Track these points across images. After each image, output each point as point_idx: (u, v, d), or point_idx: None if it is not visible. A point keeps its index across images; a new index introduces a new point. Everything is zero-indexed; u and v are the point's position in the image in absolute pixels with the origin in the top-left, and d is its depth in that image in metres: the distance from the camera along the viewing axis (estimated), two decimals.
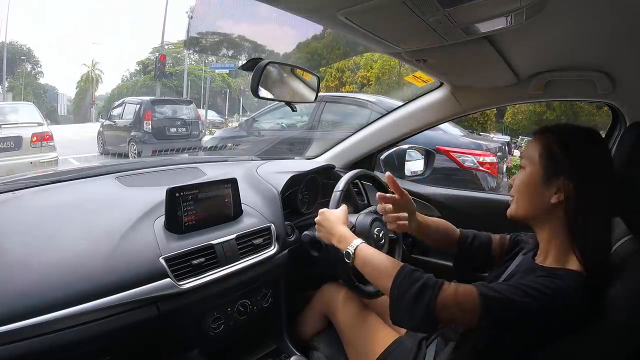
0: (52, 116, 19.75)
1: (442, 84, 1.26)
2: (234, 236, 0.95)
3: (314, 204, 1.30)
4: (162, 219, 0.88)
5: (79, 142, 8.00)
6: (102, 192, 0.98)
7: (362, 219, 1.01)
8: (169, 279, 0.79)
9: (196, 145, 6.41)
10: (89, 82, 25.07)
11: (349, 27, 0.70)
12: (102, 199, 0.93)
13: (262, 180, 1.19)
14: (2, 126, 4.31)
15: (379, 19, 0.68)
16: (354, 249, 0.80)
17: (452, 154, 3.20)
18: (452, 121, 3.24)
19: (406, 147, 1.36)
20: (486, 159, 3.27)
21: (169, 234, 0.86)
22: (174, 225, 0.88)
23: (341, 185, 1.00)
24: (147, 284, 0.76)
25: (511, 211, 0.74)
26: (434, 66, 1.02)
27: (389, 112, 1.45)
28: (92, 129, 8.51)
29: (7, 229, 0.76)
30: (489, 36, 0.77)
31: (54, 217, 0.82)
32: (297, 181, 1.21)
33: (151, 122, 6.74)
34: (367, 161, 1.48)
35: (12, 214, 0.82)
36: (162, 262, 0.80)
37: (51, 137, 4.56)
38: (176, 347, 0.89)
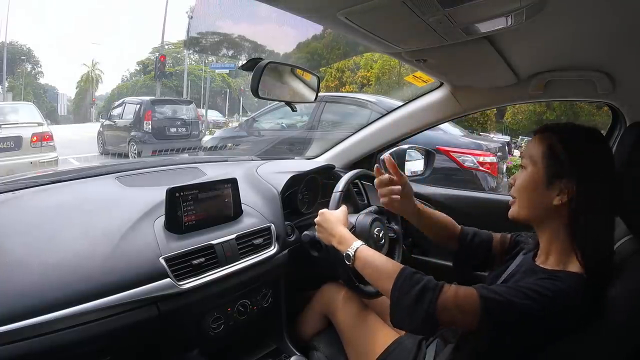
0: (52, 116, 19.75)
1: (442, 84, 1.26)
2: (234, 236, 0.95)
3: (314, 204, 1.30)
4: (162, 219, 0.88)
5: (79, 142, 8.00)
6: (102, 192, 0.98)
7: (362, 219, 1.01)
8: (169, 279, 0.79)
9: (196, 145, 6.41)
10: (89, 82, 25.08)
11: (349, 27, 0.70)
12: (102, 199, 0.93)
13: (262, 180, 1.19)
14: (2, 126, 4.31)
15: (379, 19, 0.68)
16: (354, 251, 0.80)
17: (452, 154, 3.20)
18: (452, 121, 3.24)
19: (406, 147, 1.35)
20: (486, 159, 3.27)
21: (169, 234, 0.86)
22: (174, 225, 0.88)
23: (341, 185, 1.00)
24: (147, 284, 0.76)
25: (513, 213, 0.73)
26: (434, 66, 1.02)
27: (389, 112, 1.45)
28: (92, 129, 8.51)
29: (7, 229, 0.76)
30: (489, 36, 0.77)
31: (54, 217, 0.82)
32: (297, 181, 1.21)
33: (151, 122, 6.74)
34: (367, 161, 1.48)
35: (12, 214, 0.82)
36: (162, 262, 0.80)
37: (51, 137, 4.57)
38: (176, 347, 0.89)
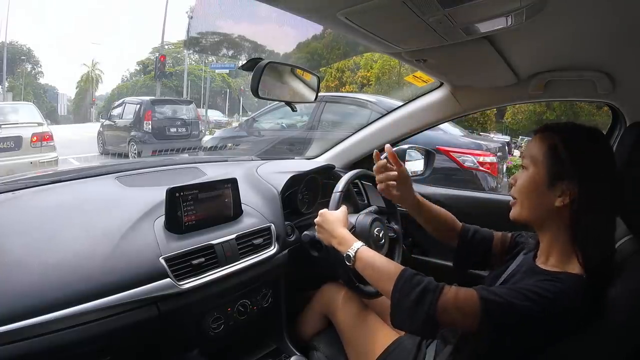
0: (52, 116, 19.74)
1: (442, 84, 1.26)
2: (234, 236, 0.95)
3: (314, 204, 1.30)
4: (162, 219, 0.88)
5: (79, 142, 8.00)
6: (102, 192, 0.98)
7: (362, 219, 1.01)
8: (169, 279, 0.79)
9: (196, 145, 6.41)
10: (89, 82, 25.07)
11: (349, 27, 0.70)
12: (102, 199, 0.93)
13: (262, 180, 1.19)
14: (2, 126, 4.32)
15: (379, 19, 0.68)
16: (355, 252, 0.80)
17: (452, 154, 3.20)
18: (452, 121, 3.24)
19: (406, 147, 1.35)
20: (486, 159, 3.27)
21: (169, 234, 0.86)
22: (174, 225, 0.88)
23: (340, 186, 1.00)
24: (147, 284, 0.76)
25: (514, 214, 0.72)
26: (434, 66, 1.02)
27: (389, 112, 1.45)
28: (92, 129, 8.51)
29: (7, 229, 0.76)
30: (489, 36, 0.77)
31: (54, 217, 0.82)
32: (297, 181, 1.21)
33: (151, 122, 6.74)
34: (367, 161, 1.48)
35: (12, 214, 0.82)
36: (162, 262, 0.80)
37: (51, 137, 4.57)
38: (176, 347, 0.89)
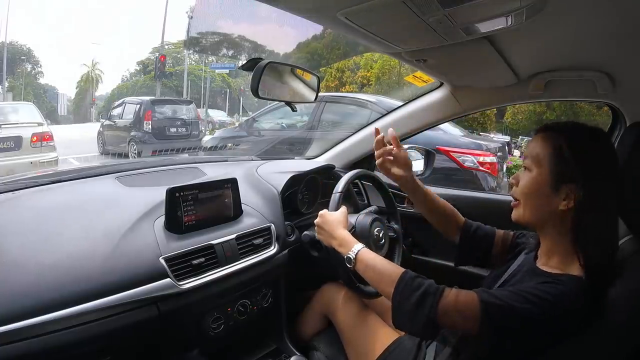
0: (52, 116, 19.73)
1: (442, 84, 1.26)
2: (234, 236, 0.95)
3: (314, 204, 1.30)
4: (162, 219, 0.88)
5: (79, 142, 7.99)
6: (102, 192, 0.97)
7: (362, 219, 1.01)
8: (169, 279, 0.79)
9: (196, 145, 6.42)
10: (89, 82, 25.05)
11: (349, 27, 0.70)
12: (102, 199, 0.93)
13: (262, 180, 1.19)
14: (2, 126, 4.32)
15: (379, 19, 0.68)
16: (355, 254, 0.80)
17: (452, 154, 3.20)
18: (452, 121, 3.24)
19: (406, 147, 1.35)
20: (486, 159, 3.27)
21: (169, 234, 0.86)
22: (174, 225, 0.88)
23: (340, 186, 1.00)
24: (147, 284, 0.76)
25: (517, 216, 0.71)
26: (434, 66, 1.02)
27: (389, 112, 1.45)
28: (92, 129, 8.51)
29: (7, 229, 0.76)
30: (489, 36, 0.77)
31: (54, 217, 0.82)
32: (297, 181, 1.21)
33: (151, 122, 6.75)
34: (367, 161, 1.48)
35: (12, 214, 0.82)
36: (162, 262, 0.80)
37: (51, 137, 4.57)
38: (176, 347, 0.89)
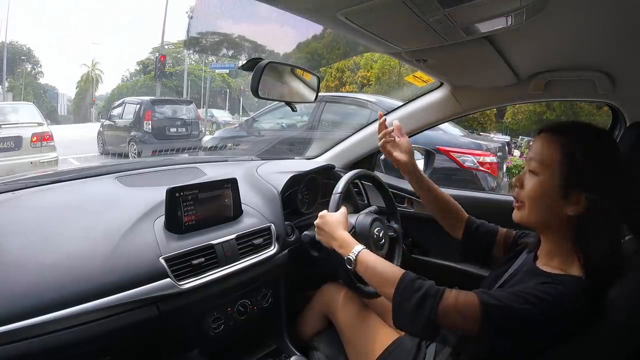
0: (52, 116, 19.72)
1: (442, 84, 1.26)
2: (234, 236, 0.95)
3: (314, 204, 1.30)
4: (162, 219, 0.88)
5: (79, 142, 7.98)
6: (102, 192, 0.98)
7: (362, 219, 1.01)
8: (169, 279, 0.79)
9: (196, 145, 6.42)
10: (89, 82, 25.04)
11: (349, 27, 0.70)
12: (102, 199, 0.93)
13: (262, 180, 1.19)
14: (2, 126, 4.32)
15: (379, 19, 0.68)
16: (356, 255, 0.80)
17: (452, 154, 3.20)
18: (452, 121, 3.24)
19: None
20: (486, 159, 3.28)
21: (169, 234, 0.86)
22: (174, 225, 0.88)
23: (340, 187, 1.00)
24: (147, 284, 0.76)
25: (520, 218, 0.70)
26: (434, 66, 1.02)
27: (389, 112, 1.45)
28: (92, 129, 8.50)
29: (7, 229, 0.76)
30: (489, 36, 0.77)
31: (54, 217, 0.82)
32: (297, 181, 1.21)
33: (151, 122, 6.75)
34: (367, 161, 1.48)
35: (12, 214, 0.82)
36: (162, 262, 0.80)
37: (51, 137, 4.58)
38: (176, 347, 0.89)
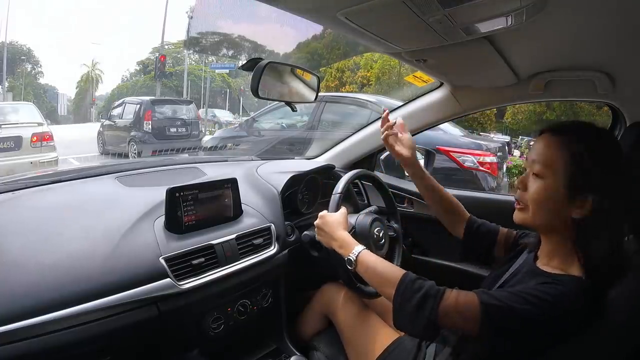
0: (52, 116, 19.71)
1: (442, 84, 1.26)
2: (234, 236, 0.95)
3: (314, 204, 1.30)
4: (162, 219, 0.88)
5: (79, 142, 7.98)
6: (102, 192, 0.98)
7: (362, 219, 1.01)
8: (169, 279, 0.79)
9: (196, 145, 6.42)
10: (89, 82, 25.03)
11: (349, 27, 0.70)
12: (102, 199, 0.93)
13: (262, 180, 1.19)
14: (2, 126, 4.32)
15: (379, 19, 0.68)
16: (356, 256, 0.80)
17: (452, 154, 3.20)
18: (452, 121, 3.24)
19: None
20: (486, 159, 3.28)
21: (169, 234, 0.86)
22: (174, 225, 0.88)
23: (340, 187, 1.00)
24: (147, 284, 0.76)
25: (523, 219, 0.69)
26: (434, 66, 1.02)
27: (390, 112, 1.45)
28: (92, 129, 8.50)
29: (7, 229, 0.76)
30: (489, 36, 0.77)
31: (54, 217, 0.82)
32: (297, 181, 1.21)
33: (151, 122, 6.75)
34: (367, 161, 1.48)
35: (12, 214, 0.82)
36: (162, 262, 0.80)
37: (51, 137, 4.58)
38: (176, 347, 0.89)
